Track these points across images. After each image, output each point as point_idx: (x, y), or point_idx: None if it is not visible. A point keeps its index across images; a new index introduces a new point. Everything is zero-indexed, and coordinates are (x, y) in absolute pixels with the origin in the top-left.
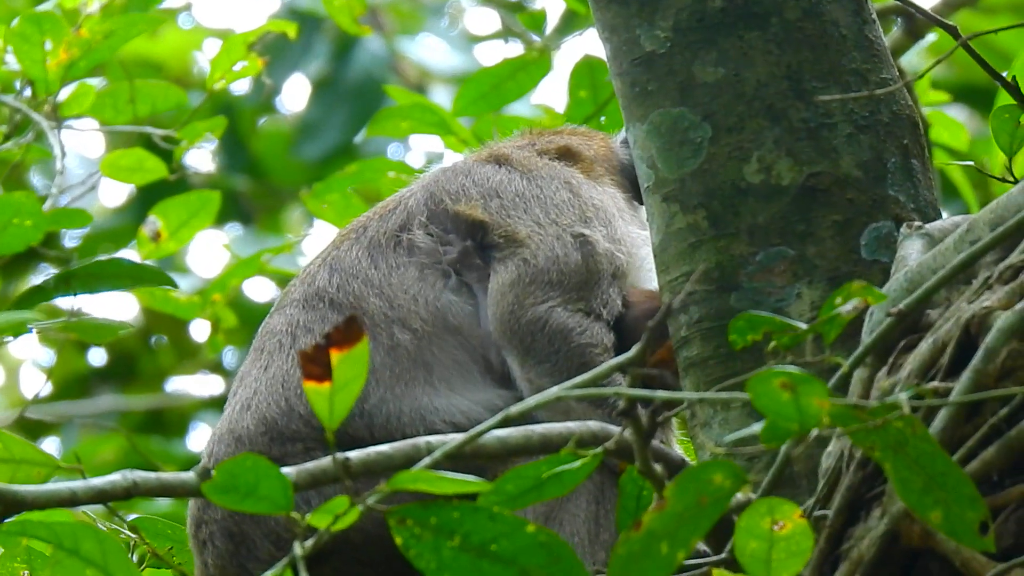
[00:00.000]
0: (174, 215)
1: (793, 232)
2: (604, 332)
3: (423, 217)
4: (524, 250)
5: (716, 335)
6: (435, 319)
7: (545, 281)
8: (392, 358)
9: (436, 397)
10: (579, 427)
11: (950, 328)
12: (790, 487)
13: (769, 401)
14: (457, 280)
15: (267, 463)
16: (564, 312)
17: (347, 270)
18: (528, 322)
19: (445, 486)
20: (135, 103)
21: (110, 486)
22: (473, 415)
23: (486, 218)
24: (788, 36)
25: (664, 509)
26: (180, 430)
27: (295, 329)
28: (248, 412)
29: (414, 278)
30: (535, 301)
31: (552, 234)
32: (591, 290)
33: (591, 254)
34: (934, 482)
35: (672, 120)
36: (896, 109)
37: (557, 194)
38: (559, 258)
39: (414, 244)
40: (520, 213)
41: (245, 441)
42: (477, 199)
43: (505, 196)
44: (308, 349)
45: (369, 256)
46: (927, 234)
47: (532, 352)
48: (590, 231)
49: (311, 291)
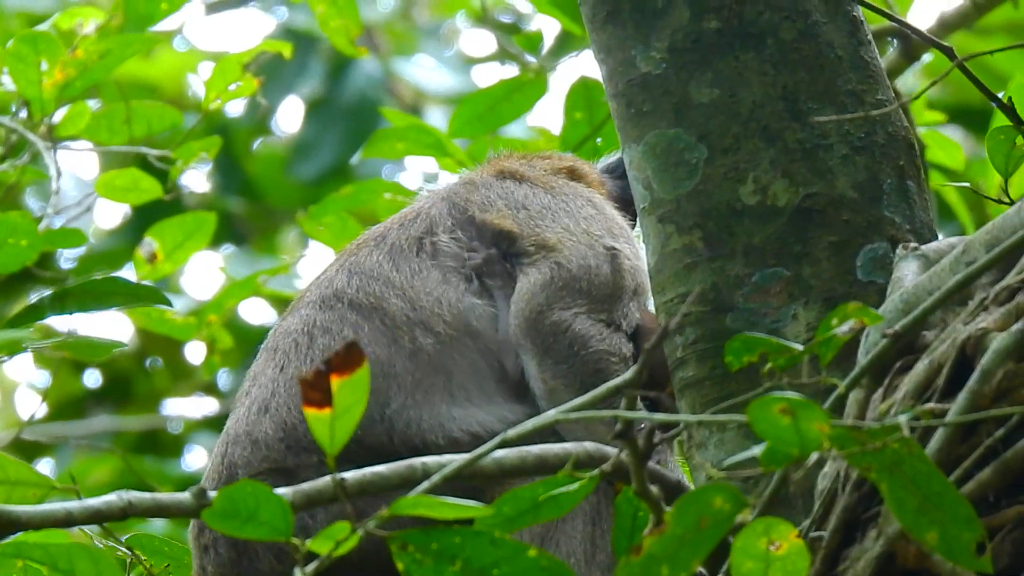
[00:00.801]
0: (170, 236)
1: (789, 253)
2: (623, 342)
3: (448, 223)
4: (557, 255)
5: (712, 356)
6: (457, 321)
7: (576, 288)
8: (414, 363)
9: (454, 406)
10: (575, 448)
11: (946, 349)
12: (786, 507)
13: (769, 426)
14: (479, 285)
15: (267, 489)
16: (588, 320)
17: (367, 273)
18: (552, 323)
19: (446, 511)
20: (131, 124)
21: (106, 506)
22: (489, 426)
23: (515, 228)
24: (784, 57)
25: (664, 532)
26: (175, 451)
27: (312, 329)
28: (267, 415)
29: (437, 281)
30: (563, 306)
31: (584, 243)
32: (615, 304)
33: (619, 268)
34: (930, 503)
35: (668, 141)
36: (892, 130)
37: (583, 209)
38: (591, 268)
39: (438, 248)
40: (549, 223)
41: (262, 446)
42: (504, 210)
43: (532, 208)
44: (308, 375)
45: (391, 260)
46: (923, 255)
47: (551, 353)
48: (619, 245)
49: (328, 292)
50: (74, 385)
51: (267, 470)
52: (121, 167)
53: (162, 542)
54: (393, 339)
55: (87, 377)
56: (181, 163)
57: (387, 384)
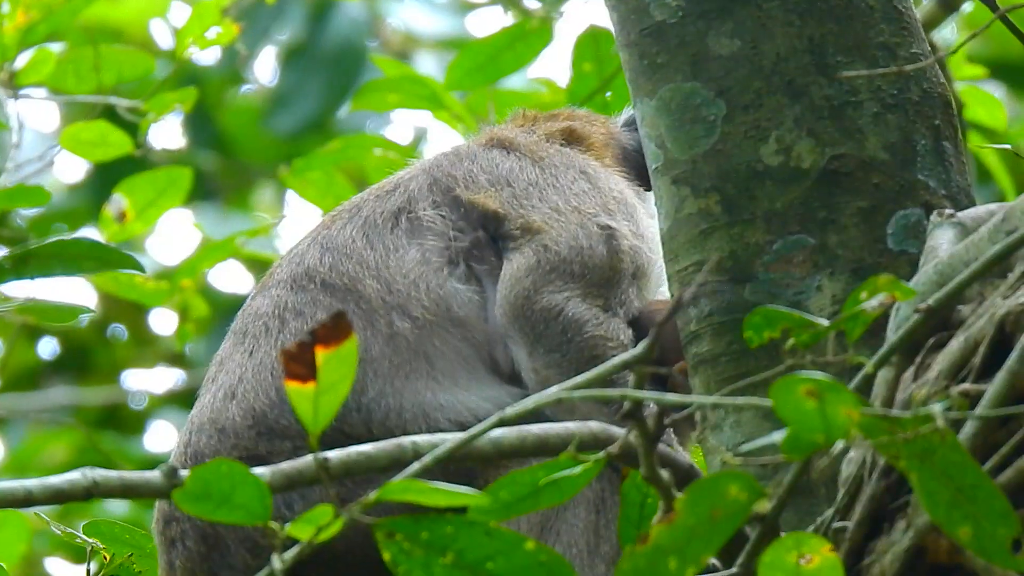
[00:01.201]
0: (141, 193)
1: (814, 219)
2: (622, 328)
3: (429, 199)
4: (544, 236)
5: (729, 330)
6: (438, 307)
7: (567, 272)
8: (391, 347)
9: (440, 392)
10: (579, 428)
11: (983, 325)
12: (807, 496)
13: (793, 410)
14: (466, 269)
15: (243, 468)
16: (582, 304)
17: (340, 249)
18: (542, 309)
19: (438, 497)
20: (100, 71)
21: (69, 485)
22: (482, 413)
23: (500, 208)
24: (811, 6)
25: (674, 522)
26: (137, 427)
27: (283, 312)
28: (233, 402)
29: (415, 261)
30: (553, 289)
31: (575, 222)
32: (612, 288)
33: (617, 249)
34: (963, 495)
35: (683, 96)
36: (927, 87)
37: (575, 184)
38: (583, 249)
39: (417, 224)
40: (535, 202)
41: (230, 433)
42: (487, 187)
43: (517, 185)
44: (291, 347)
45: (364, 236)
46: (959, 223)
47: (542, 340)
48: (616, 223)
49: (300, 271)
50: (28, 354)
51: (237, 458)
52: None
53: (123, 529)
54: (369, 322)
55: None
56: (153, 115)
57: (363, 371)
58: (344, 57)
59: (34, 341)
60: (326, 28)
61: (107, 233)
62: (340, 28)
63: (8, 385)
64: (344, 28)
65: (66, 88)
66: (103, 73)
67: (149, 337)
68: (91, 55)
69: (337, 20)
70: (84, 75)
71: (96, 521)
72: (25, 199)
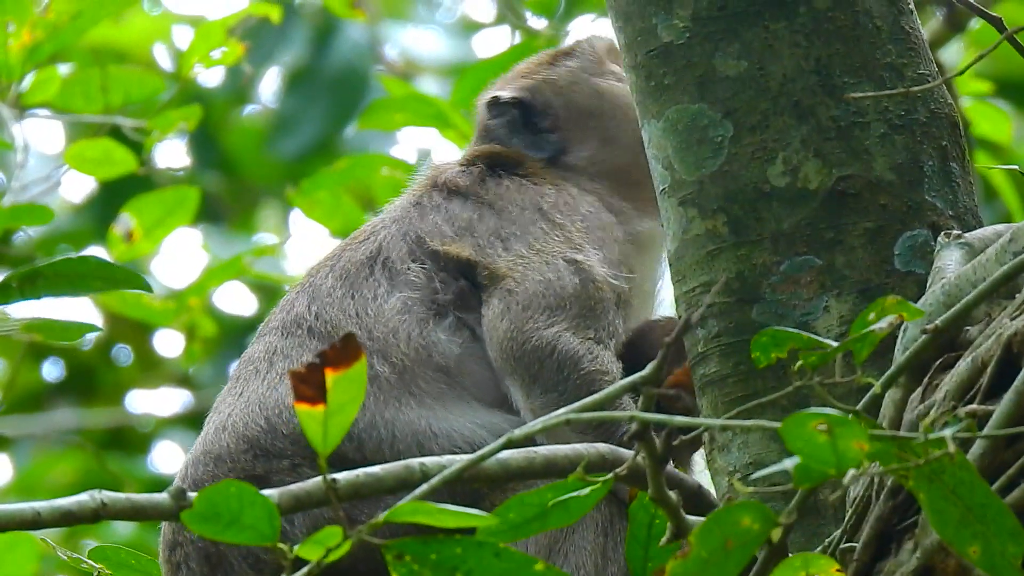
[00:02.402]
0: (148, 213)
1: (821, 240)
2: (612, 360)
3: (403, 250)
4: (507, 280)
5: (736, 351)
6: (417, 355)
7: (543, 305)
8: (375, 386)
9: (433, 420)
10: (587, 450)
11: (991, 346)
12: (815, 517)
13: (804, 444)
14: (455, 320)
15: (251, 489)
16: (574, 338)
17: (323, 298)
18: (534, 348)
19: (447, 519)
20: (107, 91)
21: (77, 507)
22: (477, 440)
23: (471, 256)
24: (817, 27)
25: (688, 555)
26: (142, 447)
27: (272, 356)
28: (225, 432)
29: (395, 310)
30: (538, 326)
31: (539, 261)
32: (599, 319)
33: (590, 279)
34: (972, 514)
35: (690, 117)
36: (934, 107)
37: (534, 226)
38: (552, 281)
39: (399, 277)
40: (499, 251)
41: (226, 459)
42: (455, 236)
43: (481, 235)
44: (301, 369)
45: (345, 285)
46: (967, 244)
47: (539, 380)
48: (583, 256)
49: (289, 318)
50: (32, 376)
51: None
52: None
53: (129, 554)
54: None
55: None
56: (158, 133)
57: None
58: (347, 81)
59: (39, 362)
60: (329, 52)
61: (114, 252)
62: (343, 52)
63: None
64: (347, 52)
65: (73, 108)
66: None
67: (154, 359)
68: (98, 75)
69: (340, 44)
70: (92, 95)
71: (103, 546)
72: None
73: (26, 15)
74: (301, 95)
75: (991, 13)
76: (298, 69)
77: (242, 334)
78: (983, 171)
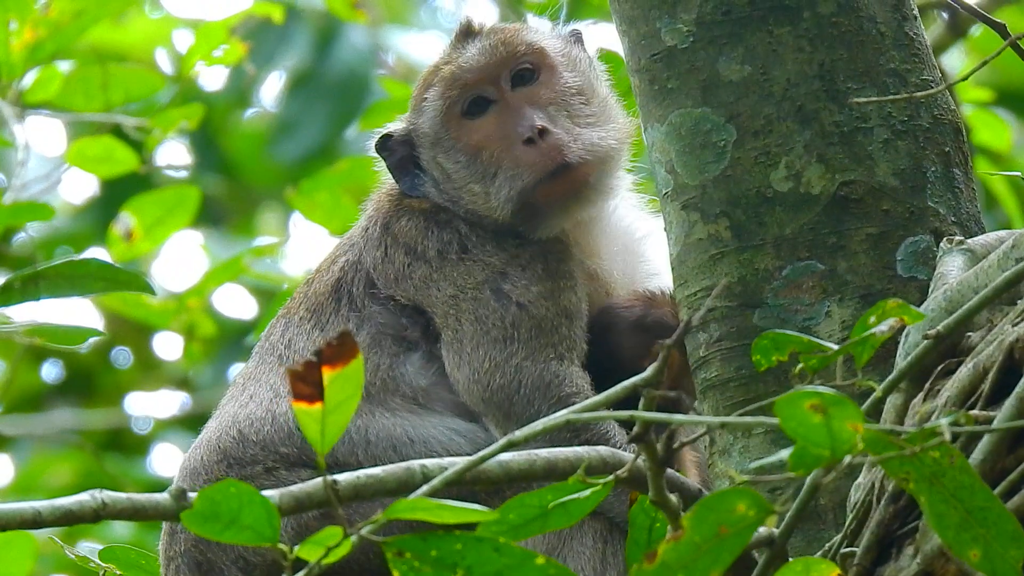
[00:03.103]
0: (148, 212)
1: (823, 245)
2: (580, 375)
3: (361, 286)
4: (446, 331)
5: (738, 355)
6: (385, 385)
7: (491, 340)
8: None
9: (409, 428)
10: (588, 452)
11: (992, 352)
12: (815, 521)
13: (798, 424)
14: (426, 351)
15: (251, 489)
16: (534, 366)
17: (295, 326)
18: (499, 387)
19: (446, 515)
20: (108, 89)
21: (78, 507)
22: (454, 448)
23: (420, 302)
24: (821, 32)
25: (681, 539)
26: (141, 449)
27: (246, 381)
28: (198, 450)
29: (363, 345)
30: (496, 363)
31: (468, 298)
32: (549, 334)
33: (526, 302)
34: (973, 517)
35: (694, 121)
36: (937, 113)
37: (458, 266)
38: (487, 316)
39: (362, 312)
40: (434, 296)
41: (200, 471)
42: (401, 283)
43: (413, 279)
44: (298, 367)
45: (312, 317)
46: (969, 250)
47: (512, 416)
48: (508, 284)
49: (266, 345)
50: (32, 378)
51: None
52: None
53: (139, 555)
54: None
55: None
56: (159, 132)
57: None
58: (348, 85)
59: (38, 364)
60: (330, 56)
61: (114, 251)
62: (344, 57)
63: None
64: (348, 57)
65: (74, 106)
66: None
67: (153, 361)
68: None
69: (341, 48)
70: (92, 93)
71: (112, 547)
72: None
73: (28, 13)
74: (302, 99)
75: (995, 19)
76: (299, 74)
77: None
78: (984, 178)
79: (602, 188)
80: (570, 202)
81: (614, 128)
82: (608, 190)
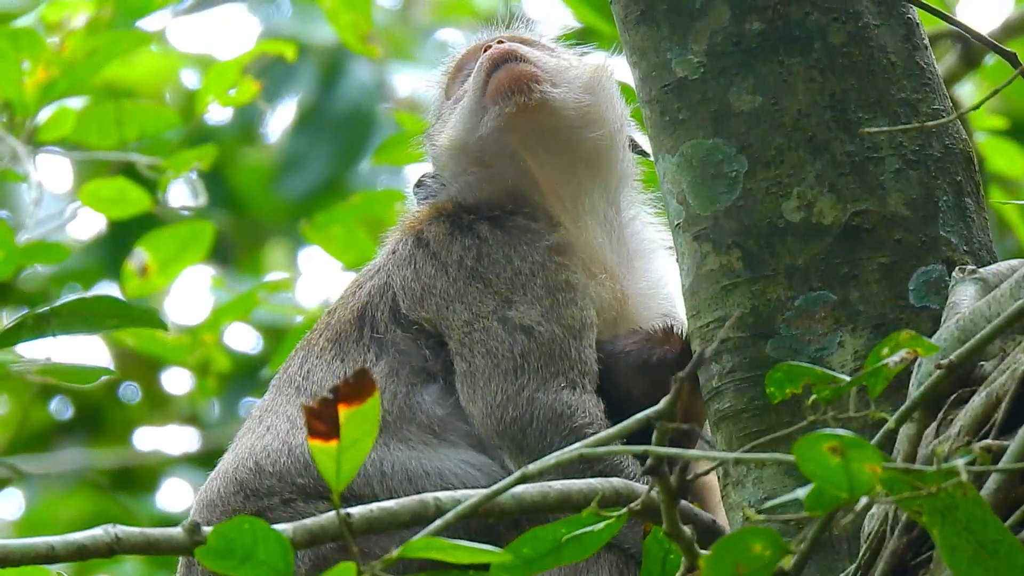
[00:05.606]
0: (163, 248)
1: (835, 275)
2: (593, 403)
3: (385, 311)
4: (460, 363)
5: (751, 386)
6: (402, 414)
7: (503, 372)
8: None
9: (425, 461)
10: (601, 484)
11: (1005, 381)
12: (829, 552)
13: (816, 466)
14: (444, 384)
15: (265, 525)
16: (546, 396)
17: (315, 357)
18: (512, 420)
19: (460, 555)
20: (122, 125)
21: (91, 541)
22: (469, 481)
23: (439, 326)
24: (832, 62)
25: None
26: (150, 486)
27: (263, 412)
28: (215, 481)
29: (382, 374)
30: (508, 396)
31: (479, 328)
32: (560, 360)
33: (531, 330)
34: (985, 550)
35: (705, 152)
36: (949, 143)
37: (470, 286)
38: (498, 348)
39: (383, 341)
40: (450, 318)
41: (217, 503)
42: (423, 301)
43: (436, 294)
44: (314, 404)
45: (334, 347)
46: (981, 279)
47: (525, 449)
48: (514, 311)
49: (284, 376)
50: (41, 414)
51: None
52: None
53: None
54: None
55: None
56: (172, 173)
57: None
58: (354, 121)
59: (46, 400)
60: (336, 92)
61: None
62: (350, 93)
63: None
64: (354, 93)
65: (87, 143)
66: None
67: (162, 397)
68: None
69: (347, 85)
70: (106, 129)
71: None
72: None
73: (41, 53)
74: (308, 135)
75: (1006, 48)
76: (305, 110)
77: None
78: (996, 206)
79: (568, 122)
80: (519, 97)
81: (593, 86)
82: (582, 137)
